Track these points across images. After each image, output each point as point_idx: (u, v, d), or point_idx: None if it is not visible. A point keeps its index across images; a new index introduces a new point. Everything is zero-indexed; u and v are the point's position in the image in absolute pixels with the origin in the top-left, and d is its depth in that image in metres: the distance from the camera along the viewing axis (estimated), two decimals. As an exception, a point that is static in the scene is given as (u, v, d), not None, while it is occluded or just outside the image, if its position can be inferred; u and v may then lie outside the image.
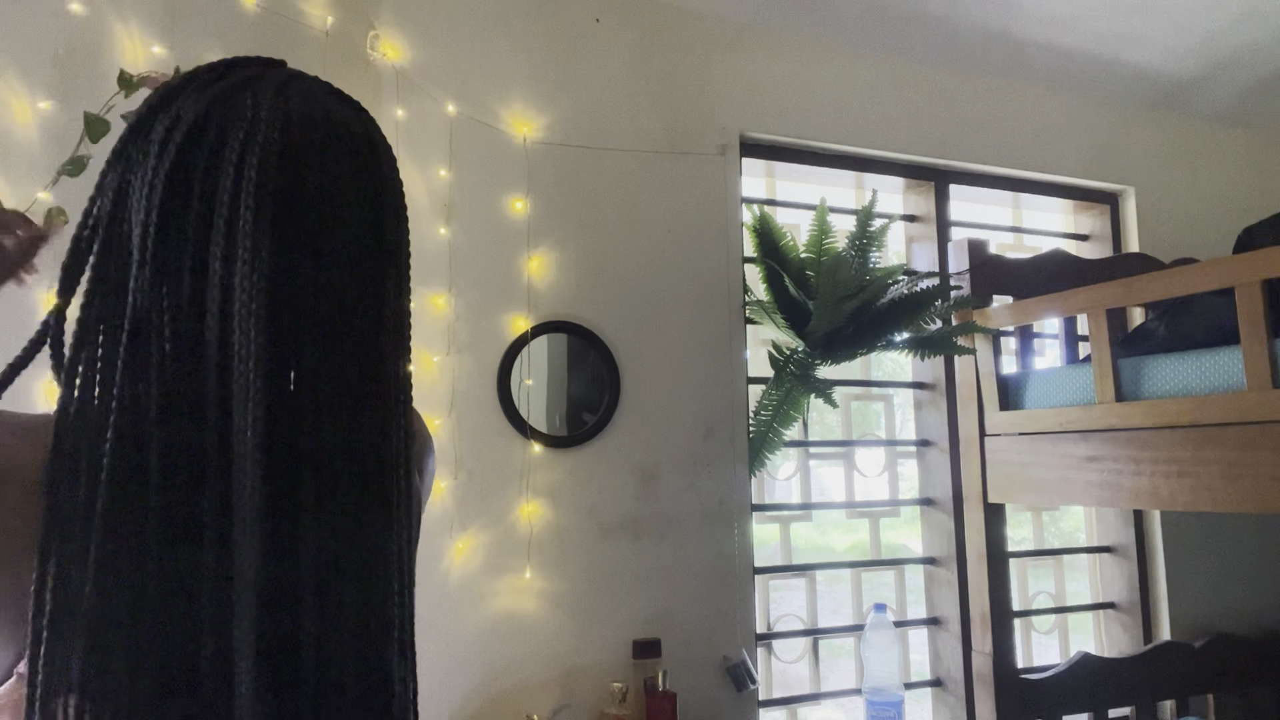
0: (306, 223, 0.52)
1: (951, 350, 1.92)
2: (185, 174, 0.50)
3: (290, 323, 0.50)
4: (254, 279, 0.48)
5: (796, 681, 2.07)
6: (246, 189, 0.49)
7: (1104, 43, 2.20)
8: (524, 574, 1.69)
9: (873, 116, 2.16)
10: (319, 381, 0.51)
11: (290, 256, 0.50)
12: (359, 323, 0.54)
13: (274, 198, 0.50)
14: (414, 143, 1.70)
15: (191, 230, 0.49)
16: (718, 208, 1.95)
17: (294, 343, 0.50)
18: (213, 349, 0.48)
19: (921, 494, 2.24)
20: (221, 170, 0.50)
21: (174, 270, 0.49)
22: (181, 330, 0.48)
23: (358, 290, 0.54)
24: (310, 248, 0.52)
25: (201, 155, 0.50)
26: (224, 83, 0.53)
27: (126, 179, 0.51)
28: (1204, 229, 2.50)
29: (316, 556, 0.49)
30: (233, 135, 0.51)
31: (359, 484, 0.52)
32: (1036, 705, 1.86)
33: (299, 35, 1.54)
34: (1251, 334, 1.37)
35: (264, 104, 0.52)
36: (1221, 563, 2.36)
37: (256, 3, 1.46)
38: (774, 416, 1.89)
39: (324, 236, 0.52)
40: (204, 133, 0.51)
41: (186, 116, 0.51)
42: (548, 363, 1.79)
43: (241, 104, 0.52)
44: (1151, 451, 1.55)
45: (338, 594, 0.50)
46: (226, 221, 0.49)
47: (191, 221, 0.49)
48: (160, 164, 0.50)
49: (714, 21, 2.01)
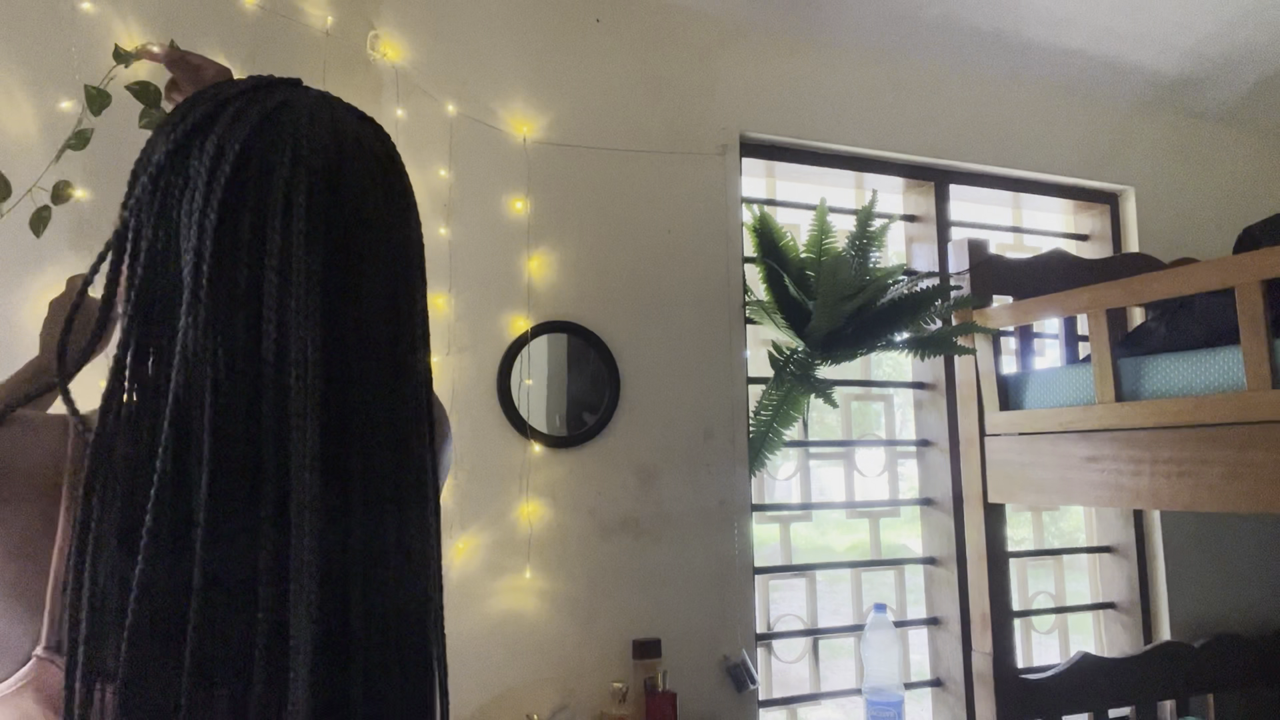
0: (353, 243, 0.55)
1: (951, 350, 1.92)
2: (236, 203, 0.51)
3: (340, 337, 0.53)
4: (309, 299, 0.51)
5: (796, 681, 2.07)
6: (297, 214, 0.52)
7: (1104, 43, 2.20)
8: (524, 574, 1.69)
9: (873, 116, 2.16)
10: (367, 393, 0.55)
11: (340, 276, 0.54)
12: (398, 332, 0.58)
13: (325, 220, 0.53)
14: (414, 143, 1.70)
15: (245, 256, 0.51)
16: (718, 208, 1.95)
17: (343, 355, 0.54)
18: (270, 367, 0.51)
19: (921, 494, 2.24)
20: (272, 197, 0.52)
21: (231, 296, 0.51)
22: (238, 349, 0.51)
23: (395, 303, 0.58)
24: (356, 266, 0.55)
25: (251, 184, 0.52)
26: (261, 107, 0.55)
27: (169, 205, 0.53)
28: (1204, 229, 2.50)
29: (365, 547, 0.53)
30: (278, 162, 0.53)
31: (401, 481, 0.56)
32: (1036, 705, 1.86)
33: (299, 35, 1.54)
34: (1251, 334, 1.37)
35: (304, 129, 0.55)
36: (1221, 563, 2.36)
37: (256, 3, 1.46)
38: (774, 416, 1.89)
39: (368, 254, 0.56)
40: (249, 161, 0.52)
41: (232, 145, 0.52)
42: (548, 363, 1.79)
43: (283, 130, 0.54)
44: (1151, 451, 1.55)
45: (383, 581, 0.54)
46: (280, 248, 0.51)
47: (244, 249, 0.51)
48: (211, 193, 0.51)
49: (714, 21, 2.01)
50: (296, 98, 0.58)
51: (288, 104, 0.56)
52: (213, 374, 0.50)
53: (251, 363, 0.51)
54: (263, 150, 0.53)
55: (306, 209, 0.52)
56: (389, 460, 0.55)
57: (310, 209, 0.52)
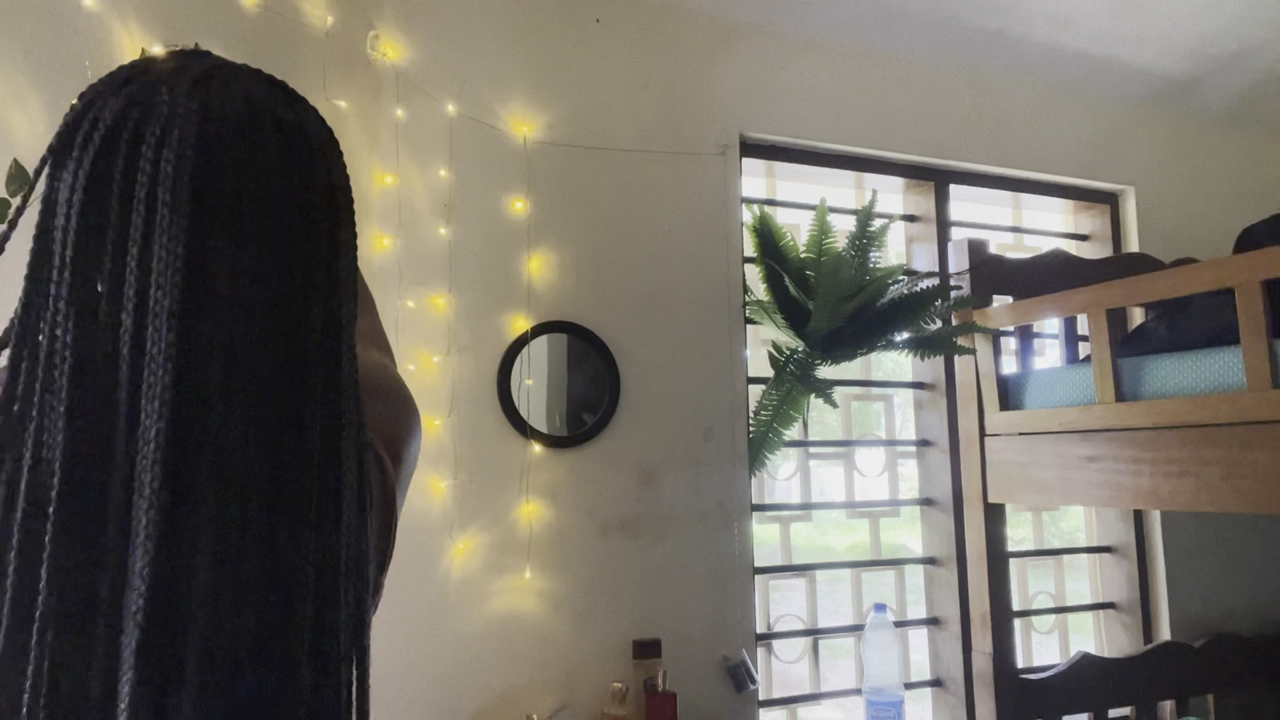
0: (224, 212, 0.50)
1: (951, 350, 1.92)
2: (104, 176, 0.49)
3: (205, 315, 0.49)
4: (169, 274, 0.47)
5: (796, 681, 2.07)
6: (163, 184, 0.48)
7: (1104, 43, 2.20)
8: (524, 574, 1.69)
9: (873, 116, 2.16)
10: (231, 379, 0.49)
11: (207, 247, 0.49)
12: (280, 318, 0.52)
13: (191, 189, 0.48)
14: (414, 143, 1.70)
15: (111, 231, 0.49)
16: (718, 208, 1.95)
17: (207, 336, 0.49)
18: (126, 348, 0.47)
19: (921, 494, 2.23)
20: (139, 168, 0.49)
21: (92, 271, 0.48)
22: (89, 332, 0.48)
23: (281, 285, 0.52)
24: (228, 237, 0.50)
25: (119, 156, 0.49)
26: (141, 80, 0.52)
27: (55, 188, 0.51)
28: (1204, 229, 2.50)
29: (213, 564, 0.47)
30: (149, 132, 0.49)
31: (268, 487, 0.50)
32: (1036, 705, 1.86)
33: (299, 35, 1.54)
34: (1251, 334, 1.37)
35: (180, 97, 0.51)
36: (1221, 563, 2.36)
37: (256, 3, 1.46)
38: (774, 416, 1.89)
39: (243, 226, 0.51)
40: (120, 132, 0.50)
41: (105, 119, 0.50)
42: (548, 363, 1.79)
43: (159, 99, 0.51)
44: (1151, 451, 1.55)
45: (233, 602, 0.48)
46: (144, 219, 0.48)
47: (111, 223, 0.49)
48: (79, 168, 0.49)
49: (714, 21, 2.01)
50: (187, 66, 0.53)
51: (175, 71, 0.52)
52: (68, 372, 0.47)
53: (111, 346, 0.48)
54: (136, 120, 0.50)
55: (174, 177, 0.48)
56: (256, 469, 0.49)
57: (176, 176, 0.48)
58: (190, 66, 0.53)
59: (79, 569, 0.46)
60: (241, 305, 0.50)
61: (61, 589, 0.45)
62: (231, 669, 0.47)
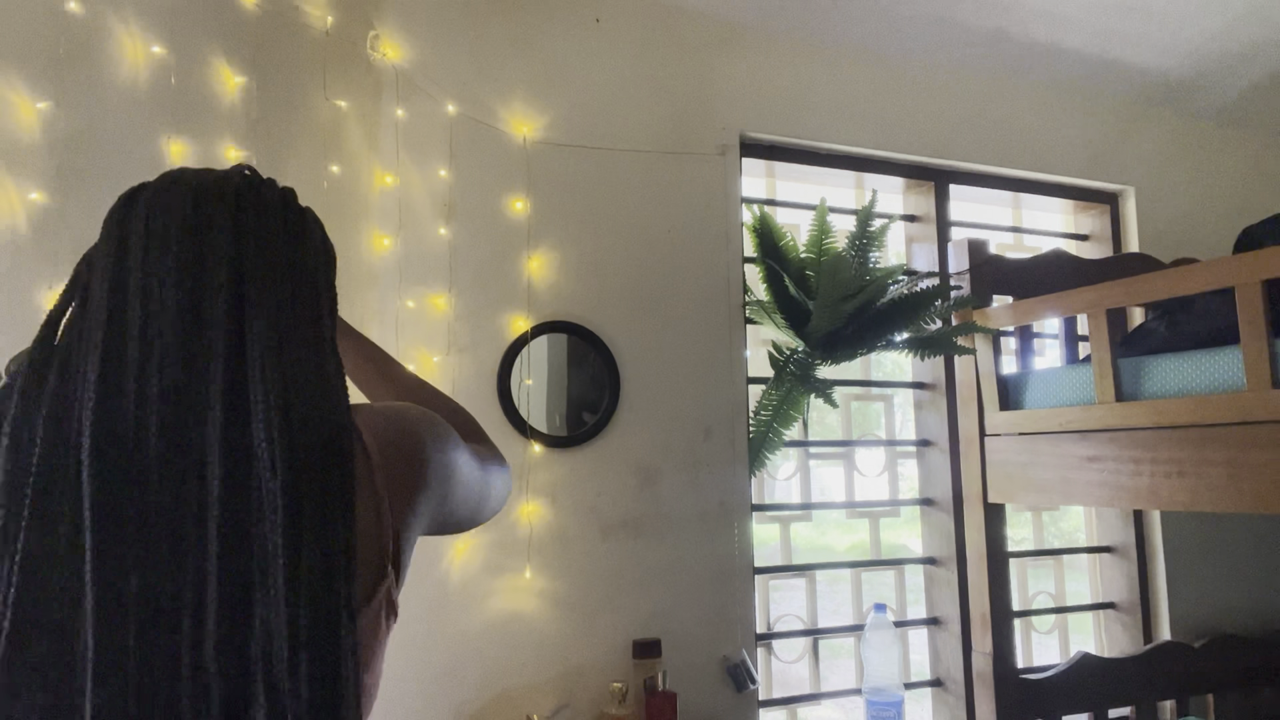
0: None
1: (951, 350, 1.92)
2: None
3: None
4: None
5: (796, 681, 2.07)
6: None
7: (1104, 43, 2.20)
8: (524, 574, 1.69)
9: (873, 116, 2.16)
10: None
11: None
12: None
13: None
14: (414, 143, 1.71)
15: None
16: (718, 208, 1.95)
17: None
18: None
19: (921, 494, 2.23)
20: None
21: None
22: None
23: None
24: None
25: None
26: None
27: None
28: (1204, 229, 2.50)
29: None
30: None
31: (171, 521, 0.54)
32: (1036, 705, 1.86)
33: (299, 35, 1.54)
34: (1251, 334, 1.37)
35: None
36: (1221, 563, 2.36)
37: (257, 3, 1.46)
38: (774, 416, 1.89)
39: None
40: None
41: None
42: (548, 363, 1.79)
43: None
44: (1151, 451, 1.55)
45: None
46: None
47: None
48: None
49: (714, 21, 2.01)
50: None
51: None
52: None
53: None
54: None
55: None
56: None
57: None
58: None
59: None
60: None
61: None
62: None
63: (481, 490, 0.76)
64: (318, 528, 0.54)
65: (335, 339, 0.64)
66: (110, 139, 1.28)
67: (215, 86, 1.40)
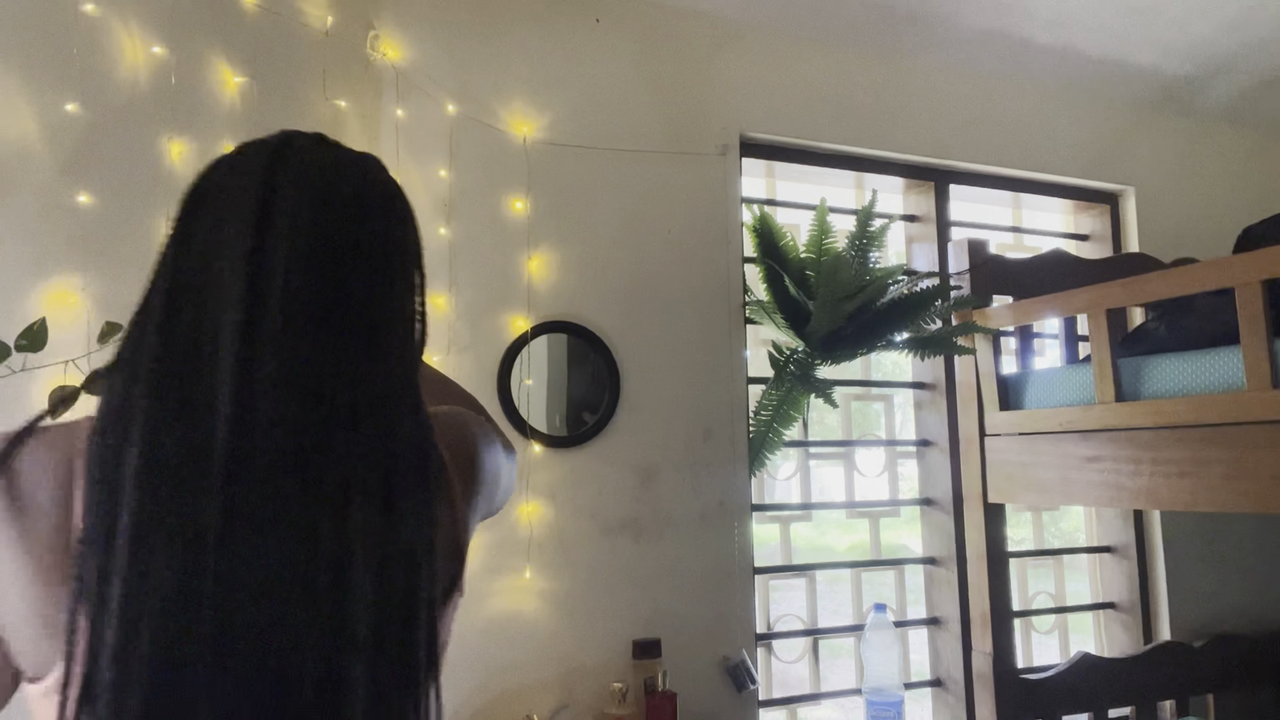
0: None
1: (951, 350, 1.92)
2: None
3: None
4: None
5: (796, 681, 2.07)
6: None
7: (1104, 43, 2.20)
8: (524, 574, 1.69)
9: (873, 116, 2.16)
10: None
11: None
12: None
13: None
14: (414, 143, 1.71)
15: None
16: (718, 208, 1.95)
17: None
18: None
19: (921, 494, 2.23)
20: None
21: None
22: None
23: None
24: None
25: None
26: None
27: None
28: (1204, 229, 2.50)
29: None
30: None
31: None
32: (1036, 705, 1.86)
33: (299, 35, 1.54)
34: (1251, 334, 1.37)
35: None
36: (1221, 563, 2.36)
37: (257, 3, 1.46)
38: (774, 416, 1.89)
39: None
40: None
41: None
42: (548, 363, 1.79)
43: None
44: (1151, 451, 1.55)
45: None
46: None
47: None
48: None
49: (714, 21, 2.01)
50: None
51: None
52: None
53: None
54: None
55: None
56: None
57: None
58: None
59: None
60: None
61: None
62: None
63: (509, 482, 0.84)
64: (410, 519, 0.59)
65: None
66: (111, 139, 1.28)
67: (215, 86, 1.40)
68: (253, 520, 0.53)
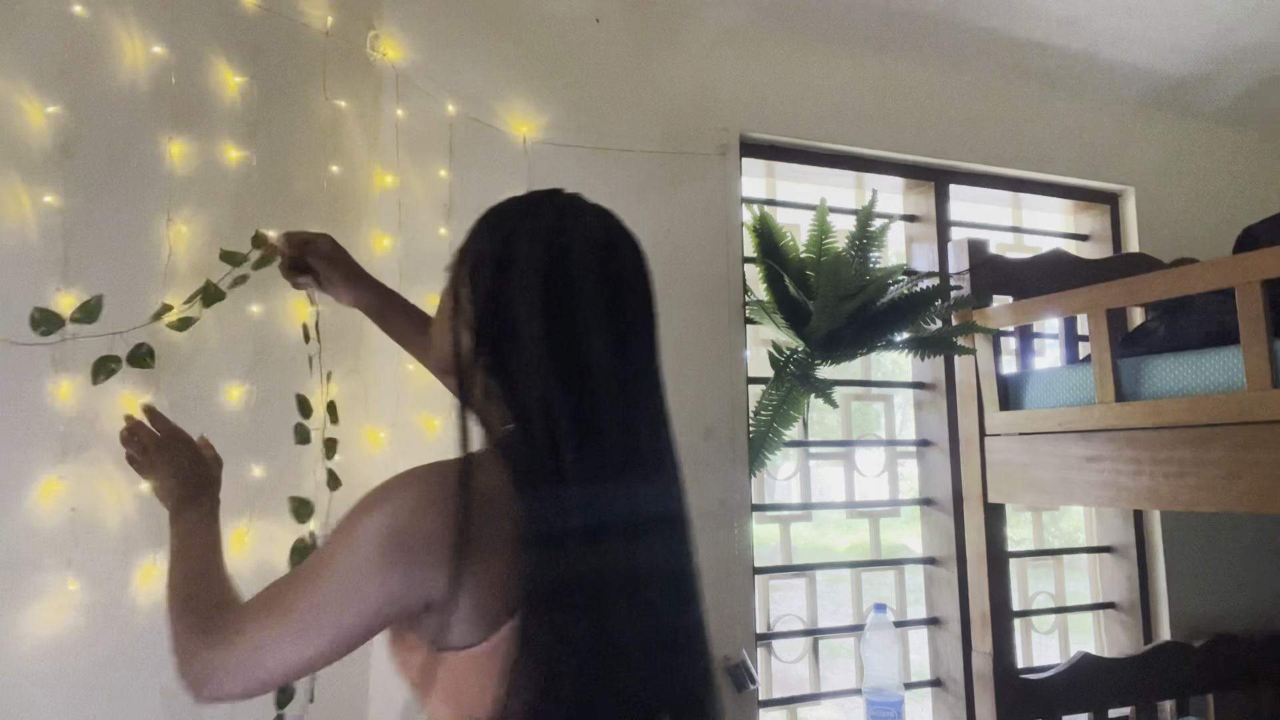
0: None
1: (951, 350, 1.92)
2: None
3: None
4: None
5: (796, 681, 2.07)
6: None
7: (1104, 43, 2.20)
8: (524, 574, 1.69)
9: (873, 116, 2.16)
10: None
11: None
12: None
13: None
14: (414, 143, 1.70)
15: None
16: (718, 208, 1.95)
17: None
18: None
19: (921, 494, 2.23)
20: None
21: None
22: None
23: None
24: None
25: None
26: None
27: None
28: (1204, 229, 2.50)
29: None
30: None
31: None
32: (1036, 705, 1.86)
33: (299, 35, 1.54)
34: (1251, 334, 1.37)
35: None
36: (1221, 563, 2.36)
37: (257, 3, 1.46)
38: (774, 416, 1.89)
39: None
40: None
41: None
42: (548, 363, 1.78)
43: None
44: (1151, 451, 1.55)
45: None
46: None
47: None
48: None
49: (714, 21, 2.01)
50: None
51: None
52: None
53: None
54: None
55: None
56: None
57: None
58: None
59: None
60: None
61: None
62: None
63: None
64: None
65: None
66: (111, 139, 1.28)
67: (215, 86, 1.40)
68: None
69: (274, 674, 0.70)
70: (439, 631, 0.70)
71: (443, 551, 0.68)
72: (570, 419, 0.73)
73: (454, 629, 0.70)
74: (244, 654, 0.70)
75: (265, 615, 0.70)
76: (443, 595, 0.69)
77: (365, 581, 0.68)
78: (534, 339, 0.73)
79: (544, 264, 0.75)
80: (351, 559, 0.69)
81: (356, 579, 0.68)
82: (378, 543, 0.69)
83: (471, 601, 0.70)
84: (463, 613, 0.70)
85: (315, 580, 0.70)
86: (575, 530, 0.71)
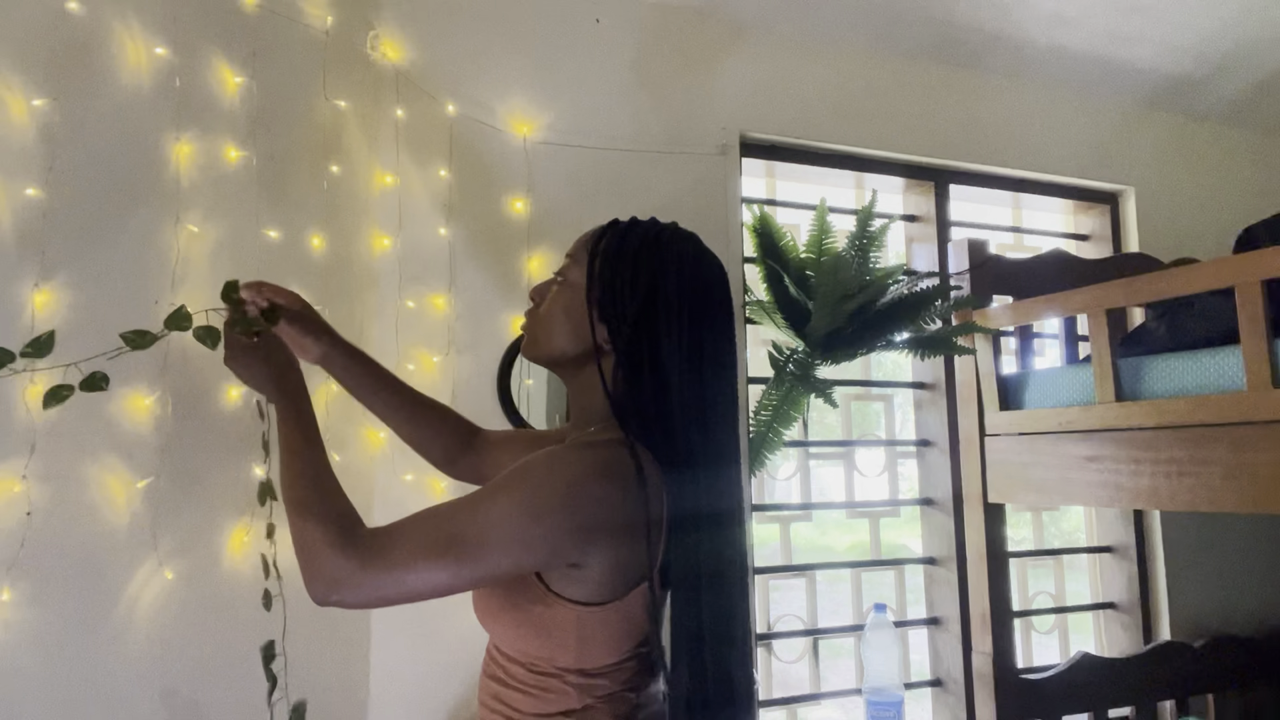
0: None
1: (951, 350, 1.92)
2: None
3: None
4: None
5: (796, 681, 2.07)
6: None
7: (1104, 43, 2.20)
8: (524, 574, 1.69)
9: (873, 116, 2.16)
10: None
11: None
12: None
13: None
14: (414, 143, 1.70)
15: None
16: (718, 208, 1.95)
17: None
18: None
19: (921, 494, 2.23)
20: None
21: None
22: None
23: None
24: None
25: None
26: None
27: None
28: (1204, 229, 2.50)
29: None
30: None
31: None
32: (1036, 705, 1.86)
33: (299, 35, 1.54)
34: (1251, 334, 1.37)
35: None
36: (1221, 563, 2.36)
37: (257, 3, 1.46)
38: (774, 416, 1.89)
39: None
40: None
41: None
42: (548, 363, 1.78)
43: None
44: (1151, 451, 1.55)
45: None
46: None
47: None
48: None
49: (714, 21, 2.01)
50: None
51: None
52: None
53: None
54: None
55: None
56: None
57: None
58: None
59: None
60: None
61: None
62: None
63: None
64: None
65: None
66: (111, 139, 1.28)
67: (215, 86, 1.40)
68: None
69: (413, 594, 0.74)
70: (570, 585, 0.78)
71: (610, 518, 0.77)
72: (696, 415, 0.85)
73: (586, 586, 0.78)
74: (390, 572, 0.73)
75: (423, 540, 0.74)
76: (598, 558, 0.77)
77: (535, 529, 0.74)
78: (676, 355, 0.86)
79: (688, 294, 0.89)
80: (526, 507, 0.75)
81: (528, 526, 0.74)
82: (558, 496, 0.76)
83: (611, 566, 0.78)
84: (602, 574, 0.78)
85: (485, 518, 0.75)
86: (705, 514, 0.83)
